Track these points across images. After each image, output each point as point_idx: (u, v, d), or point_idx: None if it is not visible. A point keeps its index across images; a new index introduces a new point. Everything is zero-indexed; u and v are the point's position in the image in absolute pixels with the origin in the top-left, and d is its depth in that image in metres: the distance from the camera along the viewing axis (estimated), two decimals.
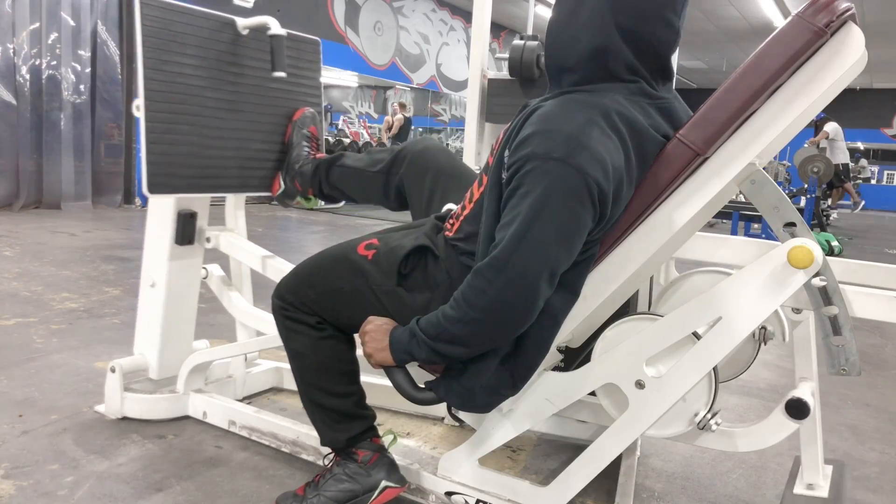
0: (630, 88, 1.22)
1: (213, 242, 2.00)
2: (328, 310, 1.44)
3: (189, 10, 1.77)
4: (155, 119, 1.70)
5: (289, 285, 1.48)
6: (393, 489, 1.50)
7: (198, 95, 1.79)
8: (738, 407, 2.44)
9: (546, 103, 1.22)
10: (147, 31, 1.68)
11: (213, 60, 1.82)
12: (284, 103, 2.01)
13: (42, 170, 6.60)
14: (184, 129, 1.76)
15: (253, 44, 1.91)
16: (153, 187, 1.71)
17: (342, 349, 1.47)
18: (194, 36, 1.77)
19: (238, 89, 1.89)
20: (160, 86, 1.70)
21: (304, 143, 1.94)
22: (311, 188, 1.88)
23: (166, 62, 1.72)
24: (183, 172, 1.77)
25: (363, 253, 1.42)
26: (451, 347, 1.22)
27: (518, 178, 1.16)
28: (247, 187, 1.95)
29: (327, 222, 7.32)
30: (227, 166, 1.88)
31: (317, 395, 1.49)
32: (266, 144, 1.97)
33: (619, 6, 1.18)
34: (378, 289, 1.38)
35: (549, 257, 1.14)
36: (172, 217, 1.92)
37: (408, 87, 12.10)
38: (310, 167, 1.87)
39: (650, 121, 1.22)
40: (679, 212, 1.27)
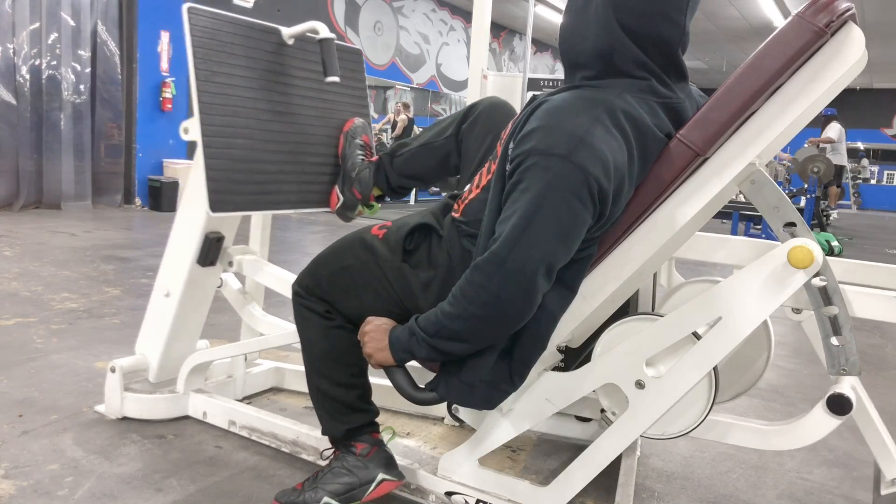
0: (639, 86, 1.22)
1: (236, 267, 1.94)
2: (339, 288, 1.46)
3: (234, 20, 1.70)
4: (212, 133, 1.63)
5: (308, 269, 1.52)
6: (390, 482, 1.50)
7: (250, 108, 1.71)
8: (739, 407, 2.44)
9: (553, 97, 1.22)
10: (196, 41, 1.60)
11: (261, 71, 1.75)
12: (333, 114, 1.95)
13: (42, 170, 6.60)
14: (240, 142, 1.69)
15: (298, 53, 1.85)
16: (216, 205, 1.63)
17: (351, 340, 1.47)
18: (242, 46, 1.70)
19: (288, 100, 1.82)
20: (213, 98, 1.63)
21: (359, 152, 1.89)
22: (374, 189, 1.82)
23: (217, 73, 1.65)
24: (243, 189, 1.70)
25: (375, 233, 1.47)
26: (450, 344, 1.22)
27: (519, 173, 1.17)
28: (306, 203, 1.87)
29: (327, 222, 7.32)
30: (285, 181, 1.80)
31: (322, 384, 1.50)
32: (320, 158, 1.90)
33: (621, 5, 1.19)
34: (385, 264, 1.41)
35: (548, 253, 1.15)
36: (199, 237, 1.85)
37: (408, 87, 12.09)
38: (368, 171, 1.83)
39: (656, 120, 1.22)
40: (679, 212, 1.27)
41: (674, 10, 1.19)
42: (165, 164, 7.53)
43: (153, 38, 7.42)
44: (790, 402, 2.56)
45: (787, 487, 1.86)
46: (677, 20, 1.20)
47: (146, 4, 7.30)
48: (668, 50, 1.22)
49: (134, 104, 7.33)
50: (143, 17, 7.29)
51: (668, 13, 1.19)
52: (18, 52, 6.32)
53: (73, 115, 6.78)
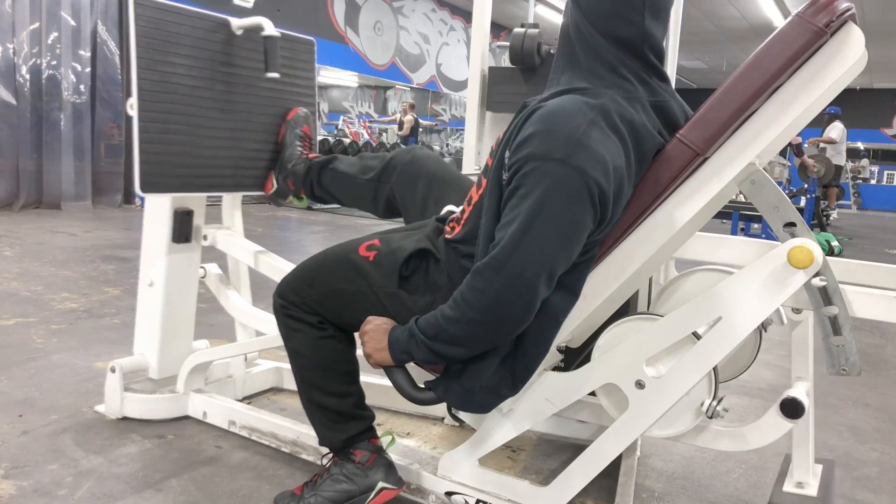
0: (626, 88, 1.22)
1: (210, 240, 2.01)
2: (329, 310, 1.45)
3: (183, 11, 1.78)
4: (148, 119, 1.71)
5: (290, 284, 1.48)
6: (390, 490, 1.50)
7: (191, 95, 1.80)
8: (738, 407, 2.44)
9: (546, 103, 1.21)
10: (141, 30, 1.69)
11: (206, 60, 1.83)
12: (278, 103, 2.02)
13: (42, 170, 6.60)
14: (177, 128, 1.77)
15: (248, 44, 1.92)
16: (146, 186, 1.72)
17: (342, 349, 1.48)
18: (188, 36, 1.78)
19: (232, 89, 1.89)
20: (153, 85, 1.71)
21: (297, 143, 1.95)
22: (303, 188, 1.90)
23: (160, 62, 1.72)
24: (176, 172, 1.78)
25: (364, 254, 1.42)
26: (449, 348, 1.22)
27: (518, 179, 1.16)
28: (240, 186, 1.96)
29: (327, 222, 7.32)
30: (220, 165, 1.88)
31: (315, 395, 1.49)
32: (260, 144, 1.98)
33: (585, 8, 1.23)
34: (379, 290, 1.38)
35: (548, 258, 1.14)
36: (169, 215, 1.93)
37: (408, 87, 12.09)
38: (302, 167, 1.88)
39: (648, 120, 1.23)
40: (679, 212, 1.27)
41: (629, 10, 1.20)
42: None
43: None
44: None
45: None
46: (634, 20, 1.20)
47: None
48: (634, 49, 1.23)
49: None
50: None
51: (624, 13, 1.20)
52: (18, 52, 6.32)
53: (73, 115, 6.78)
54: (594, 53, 1.23)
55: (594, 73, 1.23)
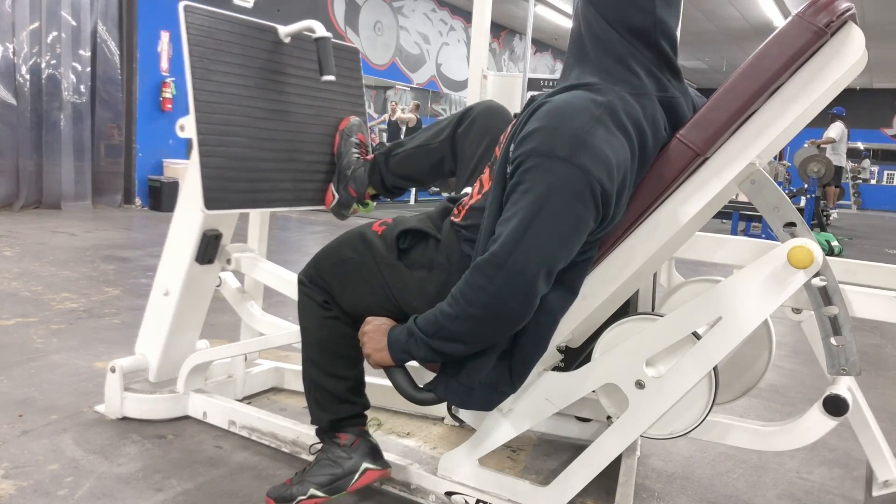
0: (635, 83, 1.22)
1: (234, 265, 1.95)
2: (337, 282, 1.48)
3: (231, 18, 1.71)
4: (207, 131, 1.64)
5: (313, 260, 1.54)
6: (374, 471, 1.51)
7: (247, 106, 1.72)
8: (739, 407, 2.44)
9: (554, 98, 1.21)
10: (193, 39, 1.61)
11: (257, 69, 1.76)
12: (330, 112, 1.96)
13: (42, 170, 6.60)
14: (236, 140, 1.70)
15: (295, 52, 1.86)
16: (211, 203, 1.64)
17: (345, 332, 1.49)
18: (238, 44, 1.71)
19: (284, 98, 1.83)
20: (209, 96, 1.64)
21: (354, 150, 1.90)
22: (369, 187, 1.84)
23: (213, 72, 1.66)
24: (238, 187, 1.71)
25: (376, 229, 1.48)
26: (448, 345, 1.22)
27: (520, 174, 1.16)
28: (301, 200, 1.88)
29: (327, 222, 7.32)
30: (280, 179, 1.81)
31: (314, 372, 1.52)
32: (316, 156, 1.91)
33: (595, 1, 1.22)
34: (381, 261, 1.42)
35: (548, 255, 1.14)
36: (197, 235, 1.86)
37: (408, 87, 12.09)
38: (364, 169, 1.84)
39: (655, 118, 1.23)
40: (679, 212, 1.27)
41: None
42: (165, 164, 7.53)
43: (153, 38, 7.42)
44: (790, 402, 2.56)
45: (787, 487, 1.86)
46: (646, 7, 1.20)
47: (146, 4, 7.30)
48: (647, 38, 1.22)
49: (134, 104, 7.33)
50: (143, 17, 7.29)
51: (636, 2, 1.20)
52: (18, 52, 6.32)
53: (73, 115, 6.78)
54: (603, 46, 1.23)
55: (603, 68, 1.23)
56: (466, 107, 1.69)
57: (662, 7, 1.21)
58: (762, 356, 1.60)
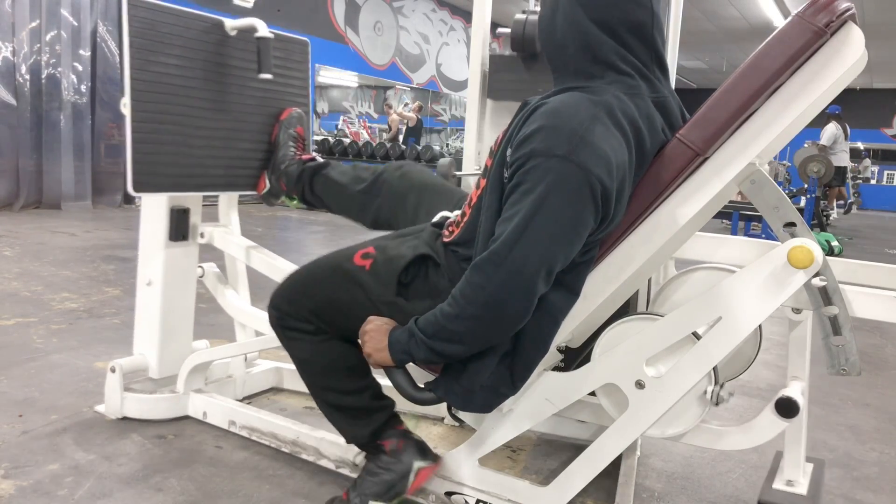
0: (628, 84, 1.22)
1: (207, 238, 2.02)
2: (326, 320, 1.43)
3: (176, 11, 1.78)
4: (141, 118, 1.71)
5: (283, 295, 1.46)
6: (427, 468, 1.50)
7: (184, 95, 1.80)
8: (738, 407, 2.44)
9: (550, 100, 1.21)
10: (134, 31, 1.69)
11: (200, 61, 1.83)
12: (272, 103, 2.02)
13: (42, 170, 6.60)
14: (170, 128, 1.77)
15: (241, 44, 1.92)
16: (138, 186, 1.72)
17: (346, 347, 1.45)
18: (181, 37, 1.78)
19: (226, 89, 1.90)
20: (146, 86, 1.72)
21: (291, 143, 1.95)
22: (294, 191, 1.90)
23: (153, 62, 1.73)
24: (168, 171, 1.78)
25: (360, 263, 1.40)
26: (448, 346, 1.22)
27: (520, 175, 1.16)
28: (233, 186, 1.96)
29: (327, 222, 7.32)
30: (213, 165, 1.89)
31: (331, 397, 1.48)
32: (253, 144, 1.98)
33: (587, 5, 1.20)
34: (377, 300, 1.37)
35: (548, 255, 1.14)
36: (165, 213, 1.94)
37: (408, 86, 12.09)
38: (295, 169, 1.89)
39: (650, 117, 1.23)
40: (679, 212, 1.27)
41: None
42: None
43: None
44: None
45: None
46: (643, 2, 1.20)
47: None
48: (644, 34, 1.22)
49: None
50: None
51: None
52: (18, 53, 6.31)
53: (73, 115, 6.77)
54: (591, 54, 1.22)
55: (594, 74, 1.23)
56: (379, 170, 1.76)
57: (657, 1, 1.22)
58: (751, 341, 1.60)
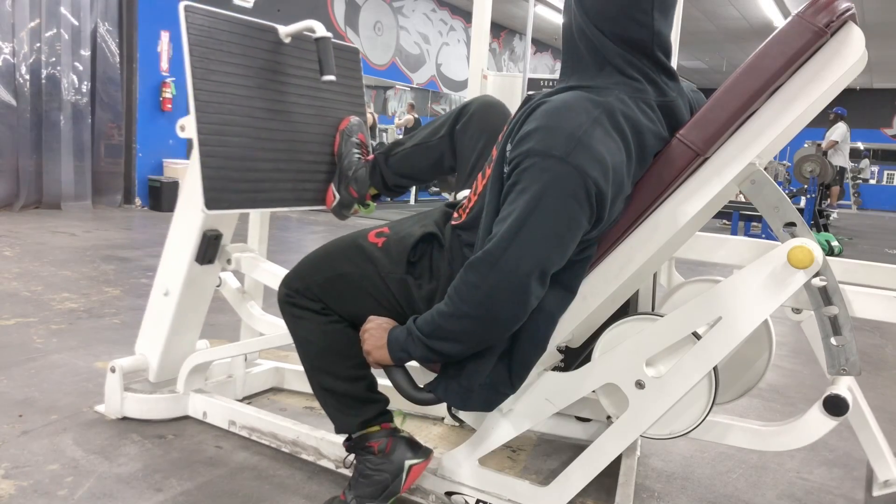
0: (635, 87, 1.22)
1: (234, 265, 1.94)
2: (334, 295, 1.43)
3: (231, 18, 1.72)
4: (207, 131, 1.64)
5: (297, 271, 1.48)
6: (419, 464, 1.49)
7: (247, 106, 1.72)
8: (739, 407, 2.44)
9: (551, 98, 1.21)
10: (193, 39, 1.62)
11: (258, 69, 1.76)
12: (330, 112, 1.96)
13: (42, 170, 6.60)
14: (236, 140, 1.70)
15: (295, 52, 1.86)
16: (211, 203, 1.64)
17: (350, 332, 1.45)
18: (238, 44, 1.71)
19: (284, 99, 1.83)
20: (210, 96, 1.64)
21: (355, 151, 1.89)
22: (371, 188, 1.83)
23: (213, 72, 1.66)
24: (239, 187, 1.71)
25: (374, 241, 1.43)
26: (445, 344, 1.22)
27: (517, 174, 1.16)
28: (301, 201, 1.88)
29: (327, 222, 7.32)
30: (280, 179, 1.81)
31: (327, 380, 1.47)
32: (316, 156, 1.91)
33: (590, 10, 1.21)
34: (388, 276, 1.39)
35: (542, 255, 1.14)
36: (197, 235, 1.86)
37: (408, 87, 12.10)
38: (365, 170, 1.83)
39: (654, 120, 1.22)
40: (679, 212, 1.27)
41: (637, 10, 1.18)
42: (165, 164, 7.53)
43: (153, 38, 7.43)
44: (790, 402, 2.56)
45: (787, 487, 1.86)
46: (642, 21, 1.19)
47: (146, 4, 7.30)
48: (644, 50, 1.22)
49: (134, 104, 7.33)
50: (143, 17, 7.29)
51: (632, 14, 1.18)
52: (18, 53, 6.32)
53: (72, 115, 6.78)
54: (600, 56, 1.22)
55: (601, 74, 1.23)
56: (464, 102, 1.68)
57: (660, 20, 1.21)
58: (762, 356, 1.60)
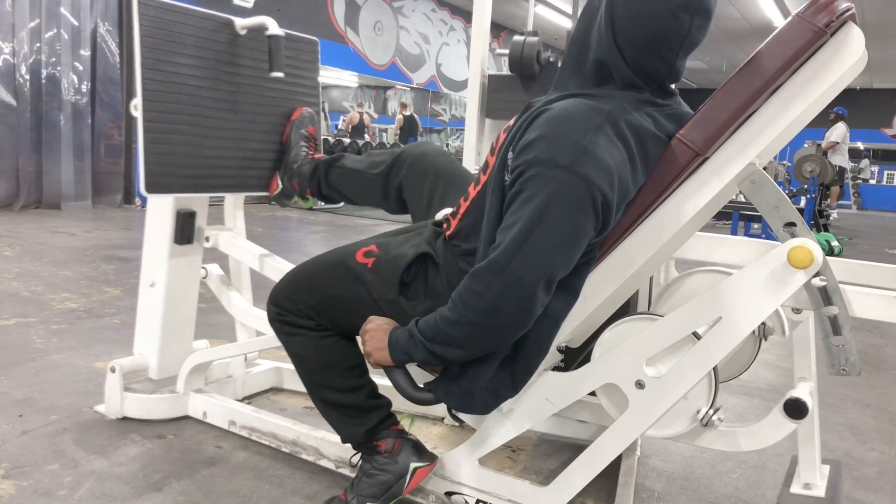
0: (636, 97, 1.22)
1: (213, 241, 2.00)
2: (327, 316, 1.43)
3: (187, 10, 1.77)
4: (153, 119, 1.70)
5: (284, 292, 1.46)
6: (424, 468, 1.50)
7: (196, 95, 1.79)
8: (738, 407, 2.44)
9: (553, 105, 1.21)
10: (145, 30, 1.68)
11: (211, 60, 1.82)
12: (283, 103, 2.01)
13: (42, 170, 6.60)
14: (182, 128, 1.76)
15: (251, 44, 1.91)
16: (151, 187, 1.71)
17: (344, 344, 1.46)
18: (192, 36, 1.77)
19: (236, 89, 1.89)
20: (158, 85, 1.71)
21: (303, 143, 1.94)
22: (308, 188, 1.88)
23: (164, 62, 1.72)
24: (181, 172, 1.77)
25: (362, 261, 1.40)
26: (447, 349, 1.22)
27: (521, 183, 1.16)
28: (245, 187, 1.95)
29: (327, 222, 7.32)
30: (225, 166, 1.88)
31: (328, 394, 1.48)
32: (264, 144, 1.97)
33: (619, 30, 1.20)
34: (380, 298, 1.37)
35: (548, 264, 1.14)
36: (171, 216, 1.92)
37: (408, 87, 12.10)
38: (308, 167, 1.87)
39: (657, 125, 1.23)
40: (679, 212, 1.27)
41: (666, 48, 1.19)
42: None
43: None
44: None
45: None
46: (667, 57, 1.20)
47: None
48: (657, 80, 1.23)
49: None
50: None
51: (660, 51, 1.19)
52: (18, 53, 6.31)
53: (72, 116, 6.78)
54: (606, 72, 1.23)
55: (600, 87, 1.24)
56: (397, 152, 1.73)
57: (681, 59, 1.21)
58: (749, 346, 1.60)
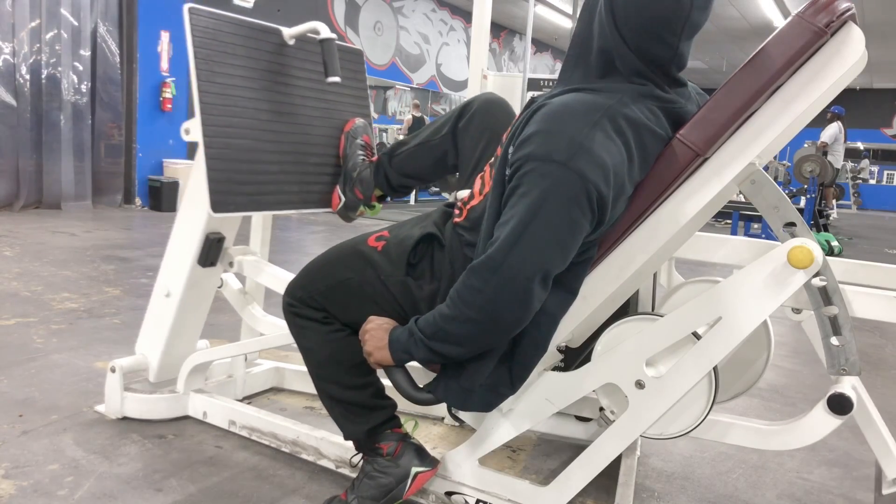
0: (639, 90, 1.22)
1: (237, 267, 1.94)
2: (337, 302, 1.44)
3: (234, 20, 1.70)
4: (213, 133, 1.63)
5: (299, 281, 1.49)
6: (425, 473, 1.50)
7: (252, 108, 1.71)
8: (738, 407, 2.44)
9: (553, 100, 1.21)
10: (197, 41, 1.61)
11: (262, 71, 1.75)
12: (335, 114, 1.95)
13: (42, 170, 6.61)
14: (242, 143, 1.69)
15: (300, 53, 1.85)
16: (218, 205, 1.63)
17: (352, 341, 1.46)
18: (242, 46, 1.70)
19: (289, 100, 1.81)
20: (214, 98, 1.63)
21: (360, 152, 1.89)
22: (375, 188, 1.82)
23: (218, 73, 1.65)
24: (245, 189, 1.70)
25: (373, 245, 1.43)
26: (447, 347, 1.22)
27: (518, 178, 1.16)
28: (307, 203, 1.87)
29: (327, 222, 7.32)
30: (286, 182, 1.80)
31: (333, 390, 1.48)
32: (322, 158, 1.90)
33: (620, 16, 1.20)
34: (388, 279, 1.39)
35: (544, 260, 1.14)
36: (200, 238, 1.85)
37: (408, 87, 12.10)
38: (369, 170, 1.83)
39: (656, 122, 1.22)
40: (679, 212, 1.27)
41: (667, 32, 1.18)
42: (165, 164, 7.53)
43: (153, 38, 7.42)
44: (790, 402, 2.56)
45: (787, 487, 1.86)
46: (669, 42, 1.19)
47: (146, 4, 7.30)
48: (661, 66, 1.23)
49: (134, 104, 7.33)
50: (143, 17, 7.29)
51: (662, 34, 1.18)
52: (18, 53, 6.32)
53: (73, 115, 6.78)
54: (610, 63, 1.22)
55: (605, 79, 1.23)
56: (466, 100, 1.68)
57: (685, 43, 1.21)
58: (761, 356, 1.60)
